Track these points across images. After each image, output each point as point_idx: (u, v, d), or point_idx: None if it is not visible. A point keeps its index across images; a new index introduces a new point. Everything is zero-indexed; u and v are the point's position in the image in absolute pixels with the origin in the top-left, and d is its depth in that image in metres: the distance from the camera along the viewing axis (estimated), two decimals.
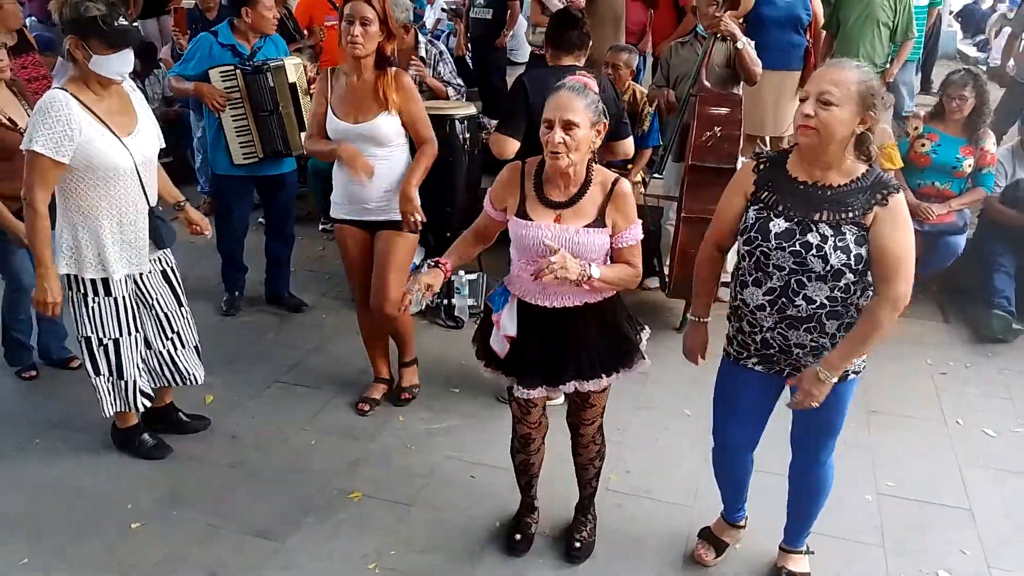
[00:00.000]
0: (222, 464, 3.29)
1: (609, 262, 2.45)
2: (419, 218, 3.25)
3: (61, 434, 3.45)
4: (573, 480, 2.86)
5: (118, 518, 2.97)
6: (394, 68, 3.25)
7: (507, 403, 2.73)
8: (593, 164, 2.42)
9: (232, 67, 4.07)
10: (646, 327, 2.63)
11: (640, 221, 2.45)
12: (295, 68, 4.18)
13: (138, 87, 3.11)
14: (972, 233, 4.70)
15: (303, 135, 4.22)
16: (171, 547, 2.84)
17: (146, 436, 3.32)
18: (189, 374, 3.28)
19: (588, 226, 2.36)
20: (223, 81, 4.08)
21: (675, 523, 3.00)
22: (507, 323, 2.47)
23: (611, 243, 2.41)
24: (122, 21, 2.73)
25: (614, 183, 2.39)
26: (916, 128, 4.55)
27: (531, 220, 2.39)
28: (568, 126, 2.26)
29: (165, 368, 3.23)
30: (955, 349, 4.32)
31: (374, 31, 3.12)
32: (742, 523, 2.87)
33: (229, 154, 4.20)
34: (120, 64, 2.76)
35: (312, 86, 4.11)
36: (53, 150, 2.69)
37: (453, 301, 4.48)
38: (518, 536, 2.86)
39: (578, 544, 2.82)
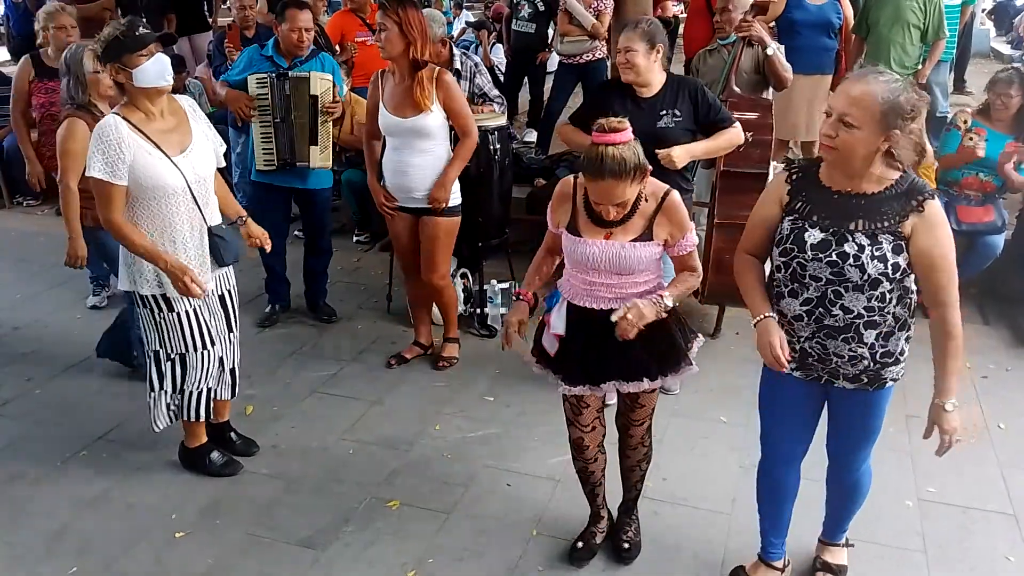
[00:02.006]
0: (263, 473, 3.34)
1: (662, 268, 2.52)
2: (443, 205, 3.72)
3: (106, 445, 3.53)
4: (617, 482, 2.86)
5: (163, 528, 3.03)
6: (436, 69, 3.64)
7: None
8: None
9: (266, 74, 4.21)
10: (699, 335, 2.65)
11: (694, 226, 2.52)
12: (321, 83, 4.21)
13: None
14: (1011, 233, 4.63)
15: (314, 149, 4.26)
16: (215, 557, 2.89)
17: (215, 454, 3.33)
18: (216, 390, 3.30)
19: (635, 240, 2.41)
20: (258, 87, 4.21)
21: (713, 530, 2.99)
22: (556, 322, 2.56)
23: (670, 252, 2.49)
24: (142, 29, 2.82)
25: (664, 195, 2.44)
26: (966, 122, 4.52)
27: (580, 236, 2.45)
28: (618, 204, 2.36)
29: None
30: (996, 352, 4.26)
31: (392, 36, 3.51)
32: (779, 564, 2.70)
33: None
34: (157, 69, 2.81)
35: (333, 105, 4.24)
36: (110, 174, 2.77)
37: (486, 310, 4.51)
38: (580, 544, 2.86)
39: (627, 544, 2.83)
